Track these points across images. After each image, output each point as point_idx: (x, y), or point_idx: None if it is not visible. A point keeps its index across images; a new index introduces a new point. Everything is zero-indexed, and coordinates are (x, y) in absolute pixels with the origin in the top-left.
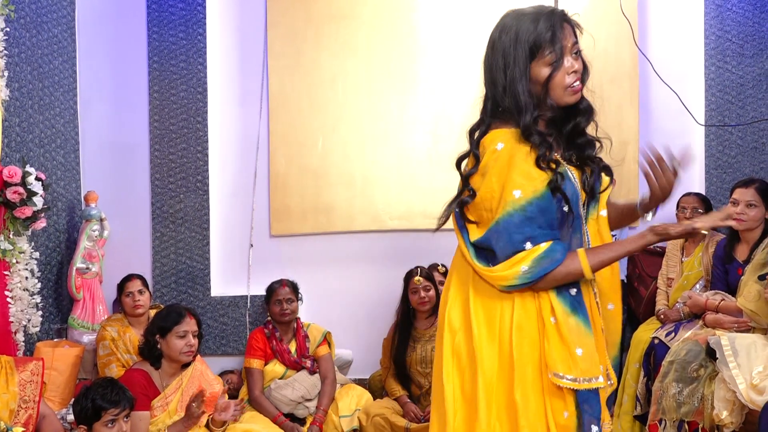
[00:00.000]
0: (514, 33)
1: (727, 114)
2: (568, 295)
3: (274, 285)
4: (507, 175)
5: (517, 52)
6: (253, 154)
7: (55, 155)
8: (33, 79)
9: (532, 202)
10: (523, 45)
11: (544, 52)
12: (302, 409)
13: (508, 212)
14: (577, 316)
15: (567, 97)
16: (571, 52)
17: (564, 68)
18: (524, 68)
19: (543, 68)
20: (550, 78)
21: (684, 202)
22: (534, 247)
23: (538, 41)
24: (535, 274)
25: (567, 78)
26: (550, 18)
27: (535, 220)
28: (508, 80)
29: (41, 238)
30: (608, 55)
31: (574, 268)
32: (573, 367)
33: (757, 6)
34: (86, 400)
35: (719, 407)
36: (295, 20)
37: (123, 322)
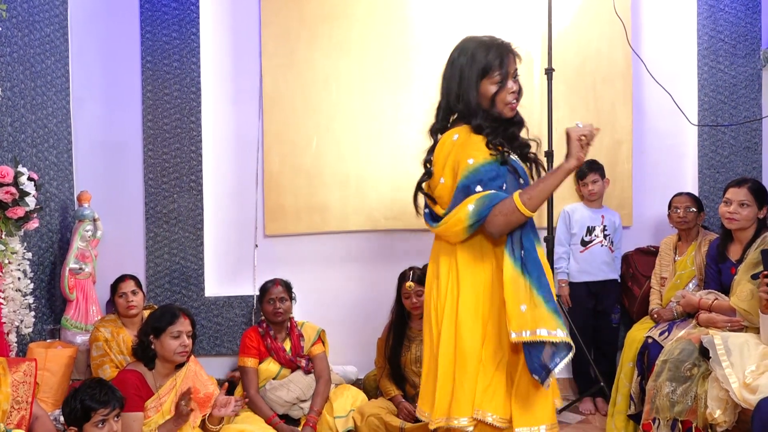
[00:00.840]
0: (470, 55)
1: (720, 114)
2: (518, 257)
3: (268, 284)
4: (463, 152)
5: (471, 71)
6: (247, 154)
7: (47, 155)
8: (25, 79)
9: (484, 165)
10: (477, 66)
11: (493, 74)
12: (297, 410)
13: (465, 176)
14: (525, 276)
15: (506, 111)
16: (513, 76)
17: (506, 88)
18: (476, 84)
19: (490, 86)
20: (496, 94)
21: (676, 202)
22: (482, 192)
23: (488, 65)
24: (482, 211)
25: (508, 96)
26: (499, 48)
27: (485, 177)
28: (462, 91)
29: (34, 238)
30: (601, 55)
31: (510, 203)
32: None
33: (749, 6)
34: (75, 401)
35: (712, 406)
36: (289, 20)
37: (116, 322)
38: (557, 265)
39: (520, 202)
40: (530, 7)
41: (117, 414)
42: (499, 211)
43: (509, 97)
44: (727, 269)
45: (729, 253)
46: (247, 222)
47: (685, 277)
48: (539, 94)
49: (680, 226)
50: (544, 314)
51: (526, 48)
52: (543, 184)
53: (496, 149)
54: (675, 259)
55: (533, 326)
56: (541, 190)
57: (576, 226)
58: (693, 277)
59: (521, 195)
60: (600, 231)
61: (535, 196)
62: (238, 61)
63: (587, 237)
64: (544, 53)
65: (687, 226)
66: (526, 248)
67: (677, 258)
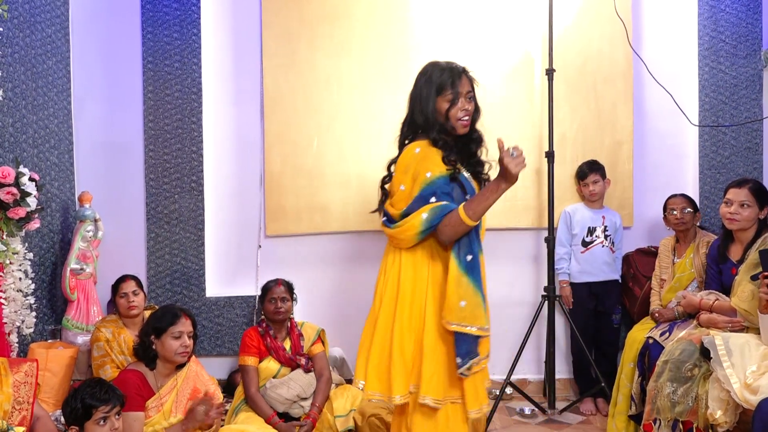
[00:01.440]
0: (429, 75)
1: (721, 114)
2: (464, 261)
3: (270, 283)
4: (422, 165)
5: (429, 89)
6: (248, 155)
7: (48, 155)
8: (26, 80)
9: (439, 178)
10: (433, 84)
11: (445, 92)
12: (297, 408)
13: (422, 187)
14: (468, 276)
15: (459, 127)
16: (466, 96)
17: (457, 106)
18: (432, 100)
19: (444, 103)
20: (448, 110)
21: (672, 204)
22: (436, 203)
23: (442, 84)
24: (433, 220)
25: (459, 113)
26: (453, 71)
27: (439, 189)
28: (422, 106)
29: (35, 238)
30: (602, 55)
31: (456, 215)
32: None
33: (750, 7)
34: (75, 400)
35: (713, 407)
36: (290, 20)
37: (117, 323)
38: (558, 265)
39: (464, 214)
40: (531, 7)
41: (118, 411)
42: (447, 222)
43: (460, 113)
44: (728, 270)
45: (730, 253)
46: (248, 222)
47: (684, 280)
48: (540, 94)
49: (678, 228)
50: (481, 313)
51: (527, 48)
52: (484, 200)
53: (450, 164)
54: (674, 261)
55: (471, 321)
56: (482, 206)
57: (577, 227)
58: (692, 279)
59: (465, 208)
60: (601, 231)
61: (477, 210)
62: (239, 62)
63: (588, 237)
64: (544, 54)
65: (685, 227)
66: (473, 253)
67: (676, 260)
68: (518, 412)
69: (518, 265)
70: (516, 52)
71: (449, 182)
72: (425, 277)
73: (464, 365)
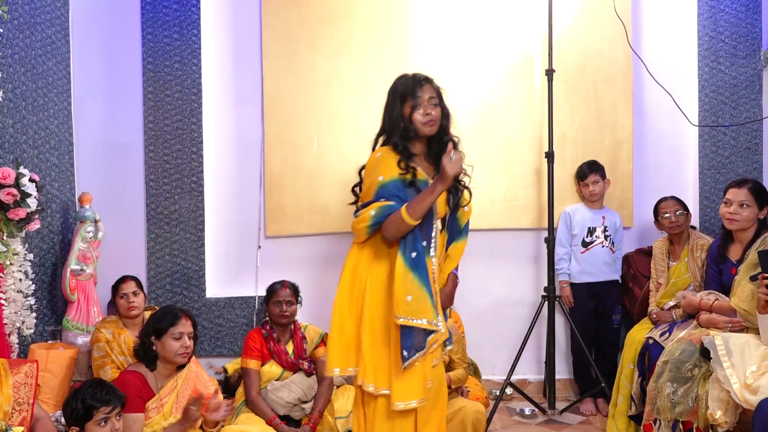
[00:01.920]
0: (394, 86)
1: (721, 114)
2: (410, 257)
3: (276, 285)
4: (378, 169)
5: (394, 97)
6: (248, 155)
7: (48, 156)
8: (27, 81)
9: (390, 182)
10: (398, 93)
11: (409, 99)
12: (298, 411)
13: (376, 189)
14: (413, 272)
15: (424, 128)
16: (429, 102)
17: (419, 110)
18: (397, 107)
19: (407, 109)
20: (411, 114)
21: (665, 208)
22: (383, 202)
23: (405, 91)
24: (377, 217)
25: (422, 117)
26: (414, 79)
27: (387, 193)
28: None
29: (35, 239)
30: (602, 55)
31: (398, 214)
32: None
33: (749, 7)
34: (76, 401)
35: (713, 407)
36: (290, 21)
37: (117, 323)
38: (558, 266)
39: (406, 213)
40: (531, 8)
41: (119, 413)
42: (392, 219)
43: (423, 117)
44: (728, 270)
45: (729, 253)
46: (248, 223)
47: (680, 284)
48: (540, 94)
49: (673, 231)
50: (428, 307)
51: (527, 49)
52: (422, 200)
53: (403, 169)
54: (669, 265)
55: (418, 315)
56: (421, 205)
57: (577, 227)
58: (689, 284)
59: (407, 207)
60: (601, 232)
61: (417, 209)
62: (239, 63)
63: (588, 238)
64: (544, 54)
65: (680, 229)
66: (418, 251)
67: (671, 263)
68: (518, 412)
69: (518, 265)
70: (516, 53)
71: (403, 186)
72: (366, 271)
73: (410, 358)
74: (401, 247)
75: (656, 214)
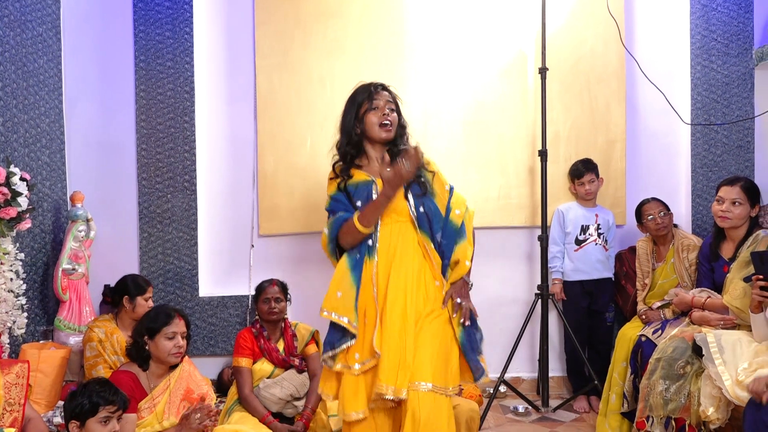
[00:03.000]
0: (351, 96)
1: (713, 113)
2: (354, 258)
3: (264, 283)
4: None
5: (350, 105)
6: (242, 154)
7: (40, 155)
8: (17, 79)
9: (332, 197)
10: (355, 102)
11: (364, 104)
12: (291, 408)
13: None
14: (352, 273)
15: (381, 132)
16: (385, 106)
17: (373, 112)
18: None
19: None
20: (364, 117)
21: (649, 210)
22: (331, 218)
23: (361, 98)
24: (331, 232)
25: (377, 118)
26: (370, 86)
27: (333, 206)
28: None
29: (26, 239)
30: (595, 54)
31: (351, 223)
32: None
33: (741, 5)
34: (83, 396)
35: (705, 404)
36: (283, 19)
37: (111, 323)
38: (551, 264)
39: (357, 221)
40: (524, 6)
41: (120, 415)
42: (345, 230)
43: (377, 119)
44: (720, 267)
45: (721, 251)
46: (241, 222)
47: (667, 286)
48: (533, 93)
49: (659, 233)
50: (351, 308)
51: (520, 47)
52: (373, 207)
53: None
54: (654, 266)
55: (342, 312)
56: (371, 212)
57: (570, 225)
58: (676, 285)
59: (359, 216)
60: (594, 230)
61: (368, 216)
62: (232, 61)
63: (581, 236)
64: (538, 52)
65: (665, 230)
66: (361, 253)
67: (657, 264)
68: (512, 410)
69: (512, 263)
70: (509, 51)
71: (340, 195)
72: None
73: (326, 353)
74: (350, 249)
75: (639, 217)
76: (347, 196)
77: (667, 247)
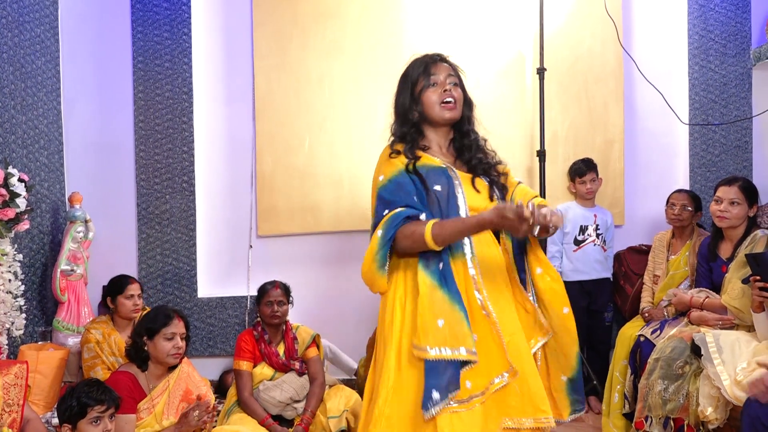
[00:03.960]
0: (405, 72)
1: (711, 113)
2: (436, 270)
3: (267, 286)
4: (378, 169)
5: (404, 83)
6: (240, 155)
7: (38, 156)
8: (15, 80)
9: (391, 180)
10: (408, 78)
11: (420, 81)
12: (290, 410)
13: (376, 194)
14: (442, 289)
15: (443, 112)
16: (445, 81)
17: (432, 89)
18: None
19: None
20: (421, 95)
21: (674, 199)
22: (388, 213)
23: (416, 73)
24: (388, 233)
25: (437, 96)
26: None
27: (393, 193)
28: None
29: (25, 240)
30: (593, 55)
31: (418, 230)
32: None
33: (739, 6)
34: (71, 398)
35: (704, 403)
36: (282, 20)
37: (108, 324)
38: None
39: (430, 236)
40: (522, 7)
41: (112, 414)
42: (409, 234)
43: (439, 97)
44: (718, 267)
45: (720, 251)
46: (239, 222)
47: (677, 277)
48: (531, 93)
49: (675, 224)
50: (465, 331)
51: (518, 47)
52: (458, 231)
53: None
54: (668, 258)
55: (455, 342)
56: (454, 236)
57: (569, 225)
58: (686, 277)
59: (433, 230)
60: (593, 230)
61: (446, 237)
62: (231, 62)
63: (580, 236)
64: (535, 53)
65: (682, 224)
66: (444, 261)
67: (671, 256)
68: None
69: None
70: (507, 51)
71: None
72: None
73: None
74: (422, 259)
75: (667, 202)
76: (420, 180)
77: (683, 242)
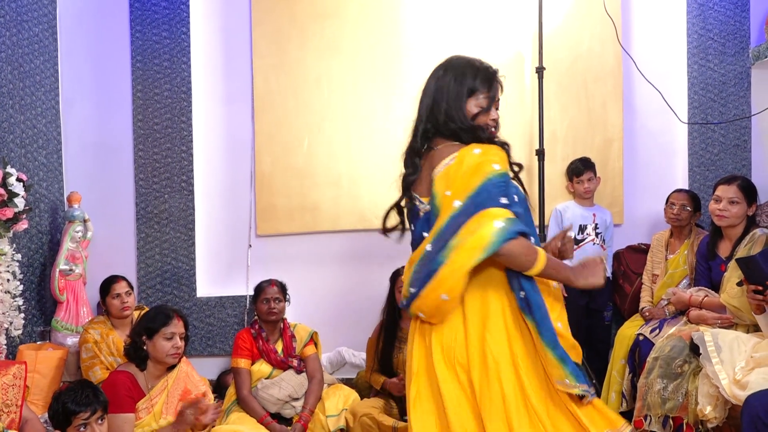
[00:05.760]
0: (460, 73)
1: (710, 112)
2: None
3: (263, 284)
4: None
5: (460, 87)
6: (239, 154)
7: (36, 156)
8: (14, 79)
9: (505, 174)
10: (465, 84)
11: (478, 96)
12: (289, 408)
13: (488, 178)
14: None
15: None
16: (497, 104)
17: (488, 113)
18: (462, 102)
19: (474, 107)
20: (476, 116)
21: (673, 198)
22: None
23: (477, 85)
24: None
25: (489, 121)
26: (488, 73)
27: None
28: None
29: (23, 239)
30: (592, 54)
31: (532, 253)
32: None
33: (738, 5)
34: (57, 404)
35: (703, 402)
36: (280, 19)
37: (106, 324)
38: None
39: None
40: (521, 6)
41: (100, 417)
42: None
43: (490, 122)
44: (717, 266)
45: (719, 250)
46: (238, 222)
47: (676, 276)
48: (530, 92)
49: (673, 223)
50: (551, 362)
51: (517, 47)
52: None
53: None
54: (667, 257)
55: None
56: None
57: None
58: (685, 276)
59: (548, 260)
60: (592, 229)
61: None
62: (229, 61)
63: (579, 235)
64: (534, 52)
65: (680, 223)
66: (526, 289)
67: (669, 256)
68: None
69: None
70: (506, 51)
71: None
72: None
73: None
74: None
75: (666, 201)
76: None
77: (681, 241)
